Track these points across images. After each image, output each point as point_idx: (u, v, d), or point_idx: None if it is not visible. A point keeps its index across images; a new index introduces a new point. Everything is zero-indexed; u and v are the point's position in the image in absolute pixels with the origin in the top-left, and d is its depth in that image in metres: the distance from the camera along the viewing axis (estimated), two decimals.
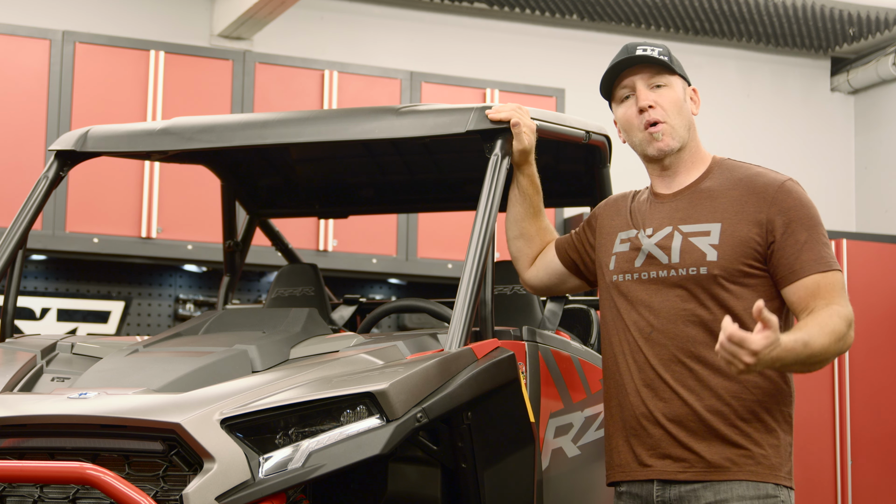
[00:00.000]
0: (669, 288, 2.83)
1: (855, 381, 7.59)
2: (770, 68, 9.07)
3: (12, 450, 2.74)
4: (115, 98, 6.75)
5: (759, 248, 2.78)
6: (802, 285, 2.75)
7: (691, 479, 2.77)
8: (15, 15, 7.06)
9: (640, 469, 2.86)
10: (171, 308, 7.17)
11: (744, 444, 2.75)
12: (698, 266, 2.80)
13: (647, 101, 2.89)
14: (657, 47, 2.93)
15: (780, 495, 2.76)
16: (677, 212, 2.89)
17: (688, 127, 2.93)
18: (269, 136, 3.50)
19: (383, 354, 2.99)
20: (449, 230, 7.19)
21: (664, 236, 2.87)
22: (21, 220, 3.53)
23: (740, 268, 2.78)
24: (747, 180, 2.85)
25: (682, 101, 2.92)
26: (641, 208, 2.98)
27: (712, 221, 2.82)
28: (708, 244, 2.80)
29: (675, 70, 2.92)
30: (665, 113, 2.89)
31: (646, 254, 2.88)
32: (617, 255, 2.96)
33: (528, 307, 4.04)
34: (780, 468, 2.77)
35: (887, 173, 9.04)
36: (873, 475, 7.66)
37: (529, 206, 3.24)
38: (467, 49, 8.26)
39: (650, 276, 2.86)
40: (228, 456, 2.57)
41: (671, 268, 2.83)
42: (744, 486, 2.74)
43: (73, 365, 3.21)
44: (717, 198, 2.85)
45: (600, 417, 3.56)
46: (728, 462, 2.75)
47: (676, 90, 2.92)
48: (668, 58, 2.92)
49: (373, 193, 4.73)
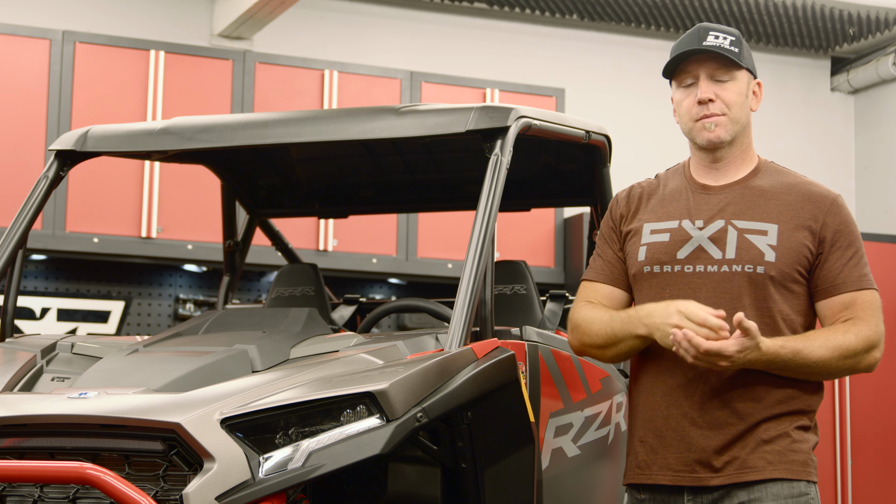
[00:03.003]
0: (716, 283, 2.76)
1: (855, 381, 7.59)
2: (770, 68, 9.07)
3: (12, 450, 2.74)
4: (115, 98, 6.75)
5: (810, 256, 2.76)
6: (839, 301, 2.75)
7: (725, 482, 2.71)
8: (15, 15, 7.05)
9: (666, 473, 2.77)
10: (171, 308, 7.17)
11: (779, 442, 2.73)
12: (755, 264, 2.74)
13: (708, 95, 2.81)
14: (729, 35, 2.83)
15: (811, 492, 2.74)
16: (729, 205, 2.82)
17: (744, 122, 2.86)
18: (269, 136, 3.50)
19: (383, 354, 2.99)
20: (449, 230, 7.18)
21: (718, 230, 2.80)
22: (21, 220, 3.53)
23: (793, 273, 2.75)
24: (801, 186, 2.83)
25: (744, 96, 2.85)
26: (680, 198, 2.88)
27: (769, 221, 2.78)
28: (766, 244, 2.76)
29: (741, 64, 2.82)
30: (725, 107, 2.82)
31: (695, 245, 2.80)
32: (649, 246, 2.85)
33: (528, 307, 4.04)
34: (811, 465, 2.75)
35: (887, 173, 9.04)
36: (873, 475, 7.66)
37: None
38: (467, 49, 8.26)
39: (695, 270, 2.79)
40: (228, 456, 2.57)
41: (724, 263, 2.76)
42: (779, 486, 2.71)
43: (73, 365, 3.21)
44: (771, 199, 2.81)
45: (600, 417, 3.56)
46: (763, 462, 2.71)
47: (740, 85, 2.84)
48: (739, 49, 2.82)
49: (373, 193, 4.73)
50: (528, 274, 4.11)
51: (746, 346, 2.57)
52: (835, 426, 7.58)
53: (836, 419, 7.58)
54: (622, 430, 3.77)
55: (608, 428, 3.63)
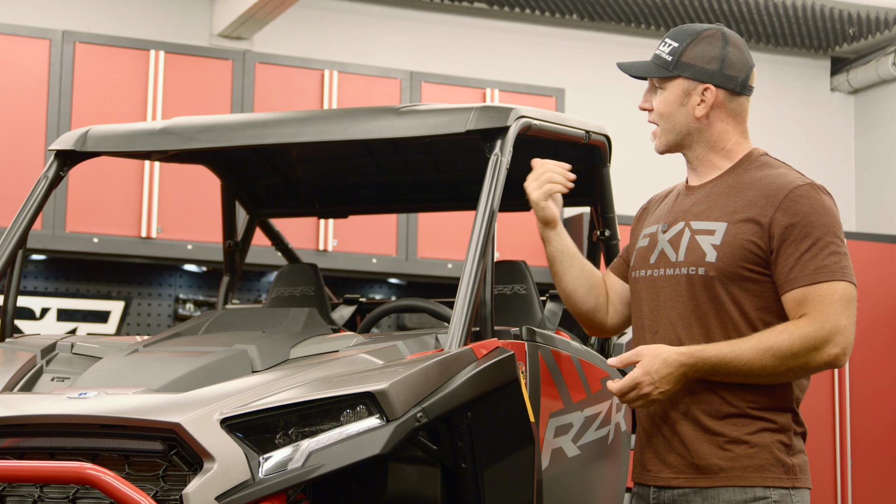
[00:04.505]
0: (673, 286, 2.81)
1: (855, 381, 7.59)
2: (770, 68, 9.07)
3: (12, 450, 2.74)
4: (115, 98, 6.75)
5: (760, 252, 2.73)
6: (791, 297, 2.70)
7: (683, 484, 2.76)
8: (15, 15, 7.06)
9: (644, 473, 2.87)
10: (171, 308, 7.17)
11: (734, 448, 2.73)
12: (697, 266, 2.77)
13: (642, 104, 2.93)
14: (675, 41, 2.88)
15: (771, 495, 2.72)
16: (694, 206, 2.86)
17: (682, 129, 2.87)
18: (269, 136, 3.50)
19: (383, 354, 2.99)
20: (449, 230, 7.18)
21: (676, 233, 2.85)
22: (21, 220, 3.53)
23: (738, 271, 2.74)
24: (766, 180, 2.79)
25: (675, 104, 2.87)
26: (668, 201, 2.97)
27: (720, 220, 2.78)
28: (710, 244, 2.77)
29: (672, 73, 2.85)
30: (656, 116, 2.90)
31: (659, 249, 2.87)
32: (636, 252, 2.96)
33: (528, 307, 4.04)
34: (771, 468, 2.72)
35: (887, 173, 9.04)
36: (873, 475, 7.66)
37: (576, 258, 3.11)
38: (467, 49, 8.26)
39: (659, 274, 2.85)
40: (228, 456, 2.57)
41: (676, 266, 2.81)
42: (731, 492, 2.72)
43: (73, 365, 3.21)
44: (733, 195, 2.81)
45: (600, 417, 3.56)
46: (716, 468, 2.73)
47: (670, 94, 2.87)
48: (676, 56, 2.85)
49: (373, 193, 4.73)
50: (528, 274, 4.11)
51: (628, 383, 2.69)
52: (835, 426, 7.58)
53: (836, 419, 7.58)
54: (622, 430, 3.77)
55: (608, 428, 3.62)
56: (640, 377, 2.68)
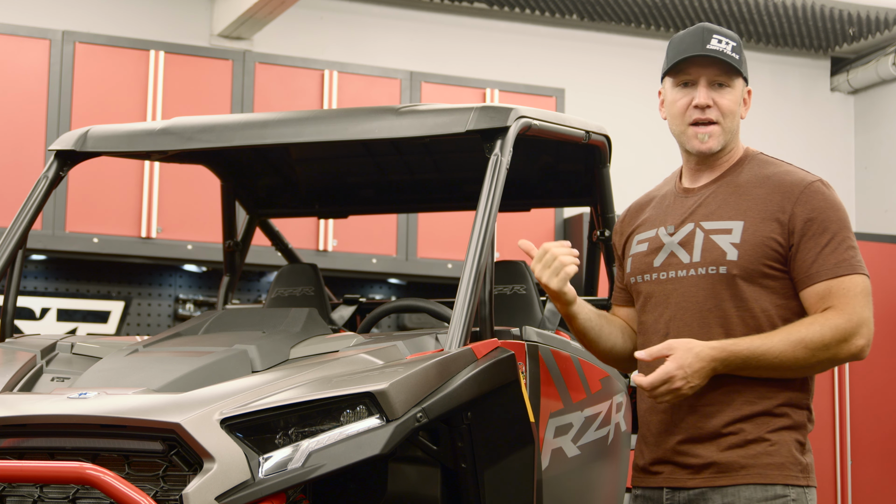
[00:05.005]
0: (688, 287, 2.78)
1: (855, 381, 7.59)
2: (770, 68, 9.07)
3: (12, 450, 2.73)
4: (115, 98, 6.75)
5: (781, 249, 2.73)
6: (814, 291, 2.71)
7: (701, 484, 2.74)
8: (15, 15, 7.06)
9: (650, 476, 2.84)
10: (171, 308, 7.17)
11: (754, 447, 2.71)
12: (718, 265, 2.75)
13: (706, 101, 2.80)
14: (731, 41, 2.81)
15: (790, 494, 2.71)
16: (700, 207, 2.84)
17: (735, 131, 2.85)
18: (269, 136, 3.50)
19: (383, 354, 2.99)
20: (449, 230, 7.18)
21: (686, 234, 2.82)
22: (21, 220, 3.53)
23: (760, 269, 2.73)
24: (776, 178, 2.79)
25: (739, 104, 2.84)
26: (663, 205, 2.93)
27: (735, 219, 2.77)
28: (729, 242, 2.75)
29: (741, 72, 2.82)
30: (720, 115, 2.81)
31: (668, 252, 2.83)
32: (633, 257, 2.93)
33: (528, 307, 4.04)
34: (790, 466, 2.72)
35: (887, 173, 9.04)
36: (873, 475, 7.66)
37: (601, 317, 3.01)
38: (467, 49, 8.26)
39: (668, 276, 2.82)
40: (228, 456, 2.57)
41: (692, 266, 2.78)
42: (751, 489, 2.70)
43: (73, 365, 3.21)
44: (743, 194, 2.80)
45: (600, 417, 3.56)
46: (736, 466, 2.71)
47: (737, 93, 2.83)
48: (739, 55, 2.81)
49: (373, 193, 4.73)
50: (527, 274, 4.10)
51: (660, 376, 2.62)
52: (835, 426, 7.58)
53: (836, 419, 7.58)
54: (622, 430, 3.77)
55: (608, 428, 3.62)
56: (673, 371, 2.64)
